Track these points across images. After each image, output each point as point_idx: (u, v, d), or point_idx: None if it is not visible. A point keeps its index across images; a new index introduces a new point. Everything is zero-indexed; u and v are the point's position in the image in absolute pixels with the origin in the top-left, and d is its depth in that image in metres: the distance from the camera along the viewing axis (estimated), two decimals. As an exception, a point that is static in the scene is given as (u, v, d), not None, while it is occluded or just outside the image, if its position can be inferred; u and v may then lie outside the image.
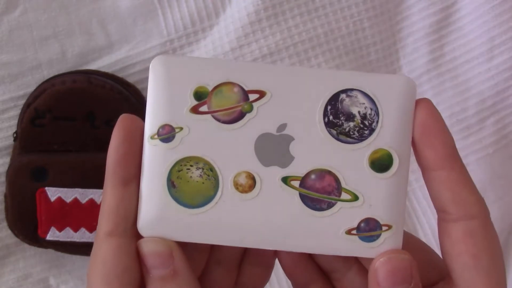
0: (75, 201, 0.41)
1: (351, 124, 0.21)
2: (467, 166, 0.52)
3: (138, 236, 0.24)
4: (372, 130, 0.21)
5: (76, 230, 0.41)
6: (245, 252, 0.28)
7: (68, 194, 0.41)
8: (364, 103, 0.21)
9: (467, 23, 0.49)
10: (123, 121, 0.23)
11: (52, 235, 0.41)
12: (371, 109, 0.21)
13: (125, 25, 0.46)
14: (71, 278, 0.46)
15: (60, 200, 0.41)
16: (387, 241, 0.21)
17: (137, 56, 0.46)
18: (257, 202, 0.21)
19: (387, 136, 0.21)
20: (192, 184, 0.21)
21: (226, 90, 0.21)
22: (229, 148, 0.21)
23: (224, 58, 0.45)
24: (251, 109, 0.21)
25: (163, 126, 0.22)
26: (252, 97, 0.21)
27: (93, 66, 0.46)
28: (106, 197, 0.23)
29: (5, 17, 0.44)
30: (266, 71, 0.22)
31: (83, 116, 0.41)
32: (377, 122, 0.21)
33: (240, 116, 0.21)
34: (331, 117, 0.21)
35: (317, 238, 0.21)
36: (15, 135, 0.43)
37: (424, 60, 0.49)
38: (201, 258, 0.27)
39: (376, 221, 0.21)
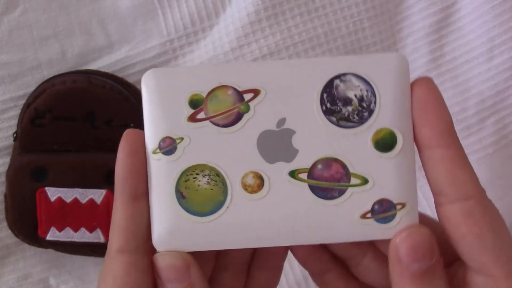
0: (75, 201, 0.41)
1: (350, 108, 0.21)
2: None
3: (149, 252, 0.23)
4: (371, 112, 0.21)
5: (76, 230, 0.41)
6: (253, 256, 0.27)
7: (68, 194, 0.41)
8: (359, 86, 0.21)
9: (467, 23, 0.49)
10: (127, 137, 0.23)
11: (52, 235, 0.41)
12: (367, 91, 0.21)
13: (125, 25, 0.46)
14: (71, 278, 0.46)
15: (60, 200, 0.41)
16: (403, 219, 0.21)
17: (137, 56, 0.46)
18: (268, 200, 0.21)
19: (387, 115, 0.21)
20: (201, 192, 0.21)
21: (220, 94, 0.21)
22: (232, 151, 0.21)
23: (223, 58, 0.46)
24: (248, 109, 0.21)
25: (163, 139, 0.22)
26: (247, 97, 0.21)
27: (93, 66, 0.46)
28: (116, 214, 0.23)
29: (5, 17, 0.44)
30: (257, 69, 0.22)
31: (83, 116, 0.41)
32: (375, 102, 0.21)
33: (238, 117, 0.21)
34: (328, 105, 0.21)
35: (334, 227, 0.21)
36: (15, 135, 0.43)
37: (424, 60, 0.49)
38: (207, 266, 0.27)
39: (390, 201, 0.21)
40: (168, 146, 0.22)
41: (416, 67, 0.49)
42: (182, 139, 0.21)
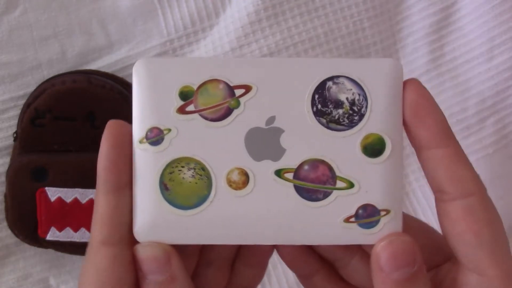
0: (75, 201, 0.41)
1: (340, 111, 0.21)
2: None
3: (132, 245, 0.23)
4: (362, 116, 0.21)
5: (76, 230, 0.41)
6: (237, 252, 0.27)
7: (68, 194, 0.41)
8: (351, 89, 0.21)
9: (467, 23, 0.49)
10: (110, 127, 0.22)
11: (52, 235, 0.41)
12: (359, 95, 0.21)
13: (125, 25, 0.46)
14: (71, 278, 0.46)
15: (60, 200, 0.41)
16: (387, 226, 0.21)
17: (137, 56, 0.46)
18: (252, 198, 0.21)
19: (377, 120, 0.21)
20: (185, 185, 0.21)
21: (211, 87, 0.21)
22: (219, 146, 0.21)
23: (222, 57, 0.45)
24: (238, 104, 0.21)
25: (151, 129, 0.21)
26: (238, 92, 0.21)
27: (93, 66, 0.46)
28: (98, 205, 0.23)
29: (5, 17, 0.44)
30: (250, 65, 0.21)
31: (83, 116, 0.41)
32: (366, 107, 0.21)
33: (228, 112, 0.21)
34: (319, 106, 0.21)
35: (316, 229, 0.21)
36: (15, 135, 0.43)
37: (424, 60, 0.49)
38: (191, 261, 0.26)
39: (374, 207, 0.21)
40: (155, 137, 0.21)
41: (416, 67, 0.49)
42: (169, 130, 0.21)
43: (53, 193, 0.41)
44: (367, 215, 0.21)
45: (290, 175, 0.21)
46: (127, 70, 0.46)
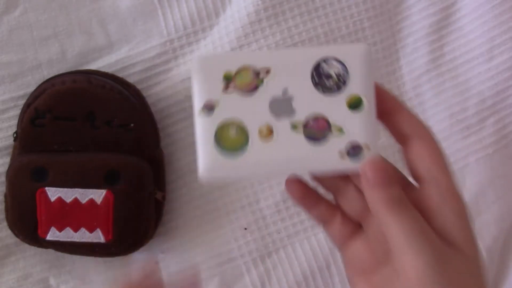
0: (75, 201, 0.41)
1: (331, 81, 0.30)
2: (467, 166, 0.52)
3: None
4: (345, 83, 0.30)
5: (76, 230, 0.41)
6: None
7: (68, 194, 0.41)
8: (337, 67, 0.30)
9: (467, 23, 0.50)
10: None
11: (52, 235, 0.41)
12: (343, 70, 0.30)
13: (125, 25, 0.46)
14: (71, 278, 0.46)
15: (60, 200, 0.41)
16: (368, 157, 0.30)
17: (137, 56, 0.46)
18: (276, 144, 0.30)
19: (355, 85, 0.30)
20: (231, 139, 0.30)
21: (244, 72, 0.31)
22: (251, 111, 0.30)
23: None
24: (262, 83, 0.30)
25: (207, 102, 0.30)
26: (261, 74, 0.31)
27: (93, 66, 0.46)
28: None
29: (5, 17, 0.45)
30: (269, 55, 0.32)
31: (83, 116, 0.41)
32: (348, 78, 0.30)
33: (255, 88, 0.30)
34: (317, 79, 0.30)
35: (321, 161, 0.30)
36: (15, 135, 0.43)
37: (424, 60, 0.49)
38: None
39: (358, 144, 0.30)
40: (209, 107, 0.30)
41: (416, 67, 0.49)
42: (218, 102, 0.30)
43: (53, 193, 0.41)
44: (353, 150, 0.30)
45: (300, 127, 0.30)
46: (127, 70, 0.46)
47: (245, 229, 0.47)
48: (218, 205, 0.47)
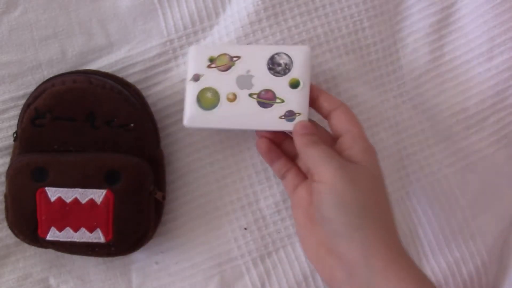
0: (75, 201, 0.41)
1: (280, 68, 0.43)
2: (467, 166, 0.52)
3: None
4: (289, 70, 0.43)
5: (76, 230, 0.41)
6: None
7: (68, 194, 0.41)
8: (286, 59, 0.43)
9: (467, 23, 0.49)
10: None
11: (52, 235, 0.41)
12: (289, 61, 0.43)
13: (125, 25, 0.46)
14: (71, 278, 0.46)
15: (60, 200, 0.41)
16: (299, 120, 0.42)
17: (137, 56, 0.46)
18: (238, 106, 0.43)
19: (296, 72, 0.43)
20: (208, 99, 0.43)
21: (222, 57, 0.44)
22: (224, 82, 0.43)
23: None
24: (234, 64, 0.43)
25: (195, 74, 0.43)
26: (234, 59, 0.43)
27: (93, 66, 0.46)
28: None
29: (5, 17, 0.45)
30: (240, 47, 0.44)
31: (83, 116, 0.41)
32: (292, 66, 0.43)
33: (229, 67, 0.43)
34: (271, 65, 0.43)
35: (268, 122, 0.43)
36: (15, 135, 0.43)
37: (424, 60, 0.49)
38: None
39: (293, 111, 0.43)
40: (196, 78, 0.43)
41: (416, 67, 0.49)
42: (203, 75, 0.43)
43: (53, 193, 0.41)
44: (290, 115, 0.43)
45: (255, 96, 0.43)
46: (127, 70, 0.46)
47: (245, 229, 0.47)
48: (218, 205, 0.47)
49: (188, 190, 0.47)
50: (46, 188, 0.41)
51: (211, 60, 0.43)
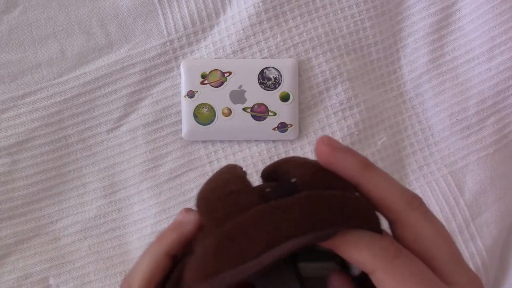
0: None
1: (270, 82, 0.46)
2: (467, 166, 0.52)
3: None
4: (279, 84, 0.46)
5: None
6: None
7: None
8: (275, 73, 0.46)
9: (467, 23, 0.49)
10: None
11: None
12: (279, 75, 0.46)
13: (125, 25, 0.46)
14: (71, 278, 0.46)
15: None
16: (291, 132, 0.46)
17: (137, 56, 0.46)
18: (233, 120, 0.46)
19: (286, 86, 0.46)
20: (204, 115, 0.45)
21: (215, 73, 0.46)
22: (218, 98, 0.45)
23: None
24: (226, 80, 0.45)
25: (189, 91, 0.45)
26: (226, 74, 0.45)
27: (92, 66, 0.46)
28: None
29: (5, 17, 0.44)
30: (231, 62, 0.46)
31: None
32: (282, 80, 0.46)
33: (222, 83, 0.45)
34: (261, 80, 0.45)
35: (261, 134, 0.46)
36: None
37: (424, 60, 0.49)
38: None
39: (285, 123, 0.46)
40: (191, 94, 0.45)
41: (416, 67, 0.49)
42: (197, 91, 0.45)
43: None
44: (282, 127, 0.46)
45: (249, 110, 0.45)
46: (127, 70, 0.46)
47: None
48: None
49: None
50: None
51: (203, 76, 0.45)
